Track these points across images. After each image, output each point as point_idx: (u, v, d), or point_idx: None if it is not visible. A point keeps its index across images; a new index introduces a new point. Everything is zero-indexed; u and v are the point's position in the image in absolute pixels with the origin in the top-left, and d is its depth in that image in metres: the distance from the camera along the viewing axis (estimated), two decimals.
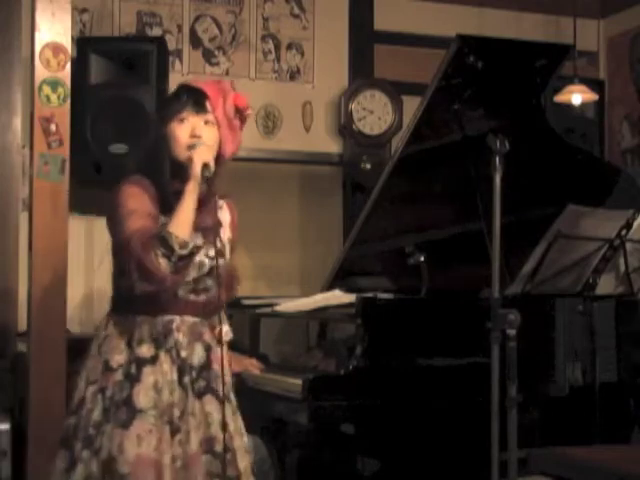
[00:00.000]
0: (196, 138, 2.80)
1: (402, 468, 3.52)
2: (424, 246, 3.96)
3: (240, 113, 2.91)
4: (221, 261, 2.82)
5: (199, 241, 2.79)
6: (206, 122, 2.82)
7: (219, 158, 2.86)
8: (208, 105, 2.83)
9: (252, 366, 3.77)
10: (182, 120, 2.81)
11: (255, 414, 3.80)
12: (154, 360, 2.80)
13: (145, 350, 2.81)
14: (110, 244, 2.83)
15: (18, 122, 4.79)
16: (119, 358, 2.80)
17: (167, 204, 2.77)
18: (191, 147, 2.78)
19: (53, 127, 3.39)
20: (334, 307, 3.77)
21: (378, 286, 4.18)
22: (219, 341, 2.89)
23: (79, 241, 4.52)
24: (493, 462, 2.97)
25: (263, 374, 3.76)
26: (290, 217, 5.39)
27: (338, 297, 3.86)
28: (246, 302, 4.35)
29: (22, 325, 4.32)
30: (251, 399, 3.53)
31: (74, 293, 4.46)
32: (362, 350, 3.43)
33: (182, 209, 2.71)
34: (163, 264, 2.66)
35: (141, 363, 2.79)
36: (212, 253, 2.83)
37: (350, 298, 3.65)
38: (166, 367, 2.80)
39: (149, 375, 2.79)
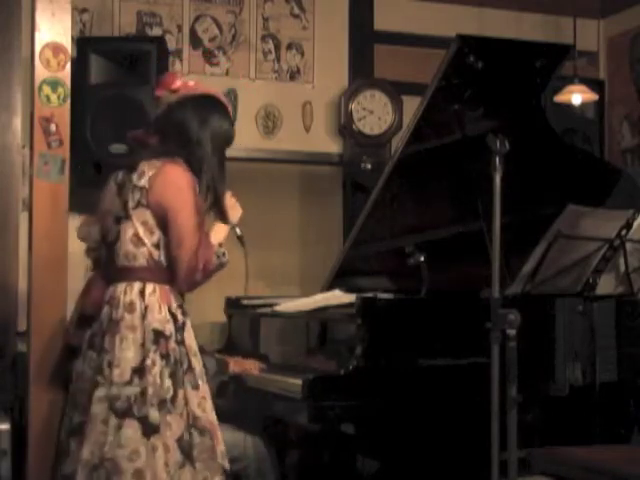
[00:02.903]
0: None
1: (402, 468, 3.52)
2: (424, 246, 3.96)
3: None
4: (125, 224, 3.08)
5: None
6: None
7: None
8: None
9: (253, 367, 3.78)
10: None
11: (255, 414, 3.80)
12: (184, 326, 3.06)
13: (180, 317, 3.06)
14: None
15: (18, 122, 4.78)
16: (169, 326, 3.01)
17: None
18: None
19: (53, 127, 3.38)
20: (334, 307, 3.77)
21: (378, 286, 4.18)
22: None
23: (79, 241, 4.50)
24: (493, 462, 2.97)
25: (263, 374, 3.76)
26: (290, 217, 5.38)
27: (338, 297, 3.86)
28: (246, 302, 4.35)
29: (22, 325, 4.31)
30: (251, 399, 3.53)
31: (74, 293, 4.45)
32: (362, 350, 3.43)
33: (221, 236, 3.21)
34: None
35: (180, 329, 3.04)
36: None
37: (350, 298, 3.65)
38: (192, 331, 3.09)
39: (188, 339, 3.06)
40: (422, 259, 3.89)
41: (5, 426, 3.61)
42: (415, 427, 3.49)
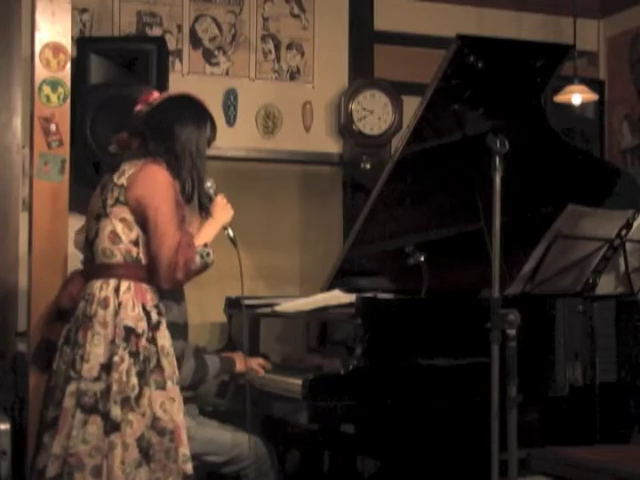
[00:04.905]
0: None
1: (402, 468, 3.52)
2: (424, 246, 3.96)
3: None
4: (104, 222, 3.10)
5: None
6: None
7: None
8: None
9: (257, 366, 3.78)
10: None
11: (255, 414, 3.80)
12: (159, 325, 3.04)
13: (155, 316, 3.05)
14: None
15: (18, 122, 4.78)
16: (142, 324, 3.00)
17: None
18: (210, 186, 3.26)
19: (53, 127, 3.39)
20: (334, 307, 3.77)
21: (378, 286, 4.18)
22: None
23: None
24: (493, 462, 2.97)
25: (263, 374, 3.76)
26: (290, 217, 5.38)
27: (338, 297, 3.86)
28: (246, 302, 4.35)
29: (22, 325, 4.32)
30: (251, 399, 3.52)
31: None
32: (362, 350, 3.43)
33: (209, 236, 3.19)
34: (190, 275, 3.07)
35: (154, 328, 3.03)
36: None
37: (350, 298, 3.65)
38: (167, 332, 3.06)
39: (162, 339, 3.03)
40: (422, 259, 3.89)
41: (5, 426, 3.61)
42: (415, 427, 3.49)
